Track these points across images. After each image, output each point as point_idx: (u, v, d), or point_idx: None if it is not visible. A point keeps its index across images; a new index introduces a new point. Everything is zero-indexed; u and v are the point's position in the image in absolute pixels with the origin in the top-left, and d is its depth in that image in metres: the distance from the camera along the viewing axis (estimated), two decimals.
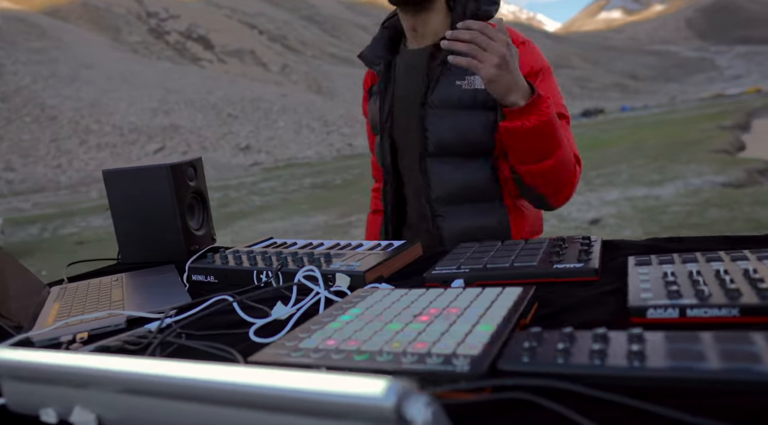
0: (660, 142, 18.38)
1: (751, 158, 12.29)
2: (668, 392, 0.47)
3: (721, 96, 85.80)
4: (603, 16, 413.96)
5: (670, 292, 0.63)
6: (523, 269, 0.86)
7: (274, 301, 0.90)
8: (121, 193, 1.33)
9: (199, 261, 1.14)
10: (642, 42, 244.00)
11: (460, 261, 0.94)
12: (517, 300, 0.69)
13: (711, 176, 9.73)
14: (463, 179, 1.32)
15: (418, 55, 1.35)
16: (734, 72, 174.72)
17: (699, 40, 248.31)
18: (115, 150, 48.44)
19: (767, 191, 8.11)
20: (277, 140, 55.22)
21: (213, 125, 55.93)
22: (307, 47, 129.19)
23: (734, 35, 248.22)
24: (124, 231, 1.35)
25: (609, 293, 0.75)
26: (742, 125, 24.36)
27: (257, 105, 64.37)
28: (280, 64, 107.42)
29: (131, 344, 0.75)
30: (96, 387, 0.55)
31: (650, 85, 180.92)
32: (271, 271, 1.02)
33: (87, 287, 1.12)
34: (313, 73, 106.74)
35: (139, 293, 1.03)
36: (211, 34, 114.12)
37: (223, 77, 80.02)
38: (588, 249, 0.88)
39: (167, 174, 1.29)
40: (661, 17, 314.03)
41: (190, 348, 0.74)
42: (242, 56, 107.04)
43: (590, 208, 8.11)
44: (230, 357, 0.68)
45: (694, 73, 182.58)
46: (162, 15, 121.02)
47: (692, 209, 6.91)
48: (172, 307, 0.92)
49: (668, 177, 10.06)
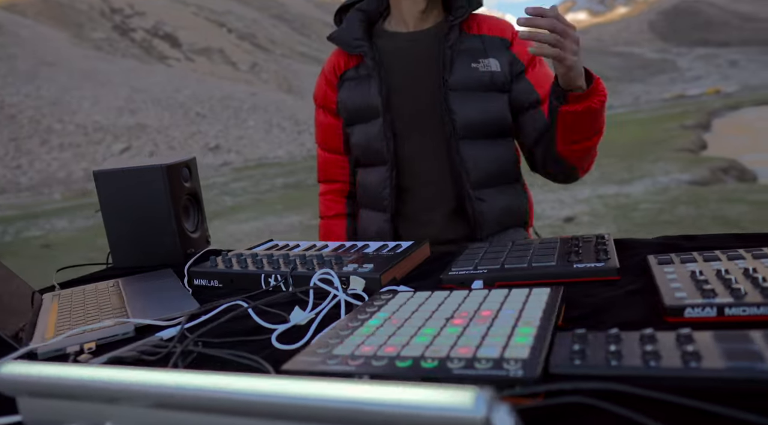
0: (627, 141, 18.82)
1: (714, 157, 12.69)
2: (725, 393, 0.47)
3: (683, 96, 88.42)
4: (569, 18, 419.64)
5: (705, 291, 0.63)
6: (542, 270, 0.85)
7: (288, 306, 0.88)
8: (112, 194, 1.28)
9: (201, 265, 1.11)
10: (607, 43, 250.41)
11: (476, 262, 0.93)
12: (550, 301, 0.69)
13: (677, 174, 10.01)
14: (496, 159, 1.34)
15: (423, 37, 1.34)
16: (694, 73, 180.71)
17: (661, 42, 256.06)
18: (79, 150, 47.04)
19: (732, 188, 8.38)
20: (247, 140, 54.50)
21: (181, 125, 54.83)
22: (277, 46, 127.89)
23: (694, 38, 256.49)
24: (116, 234, 1.30)
25: (634, 292, 0.75)
26: (703, 125, 25.13)
27: (226, 104, 63.39)
28: (249, 62, 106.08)
29: (148, 354, 0.72)
30: (128, 401, 0.52)
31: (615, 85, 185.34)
32: (280, 274, 0.99)
33: (83, 294, 1.07)
34: (283, 71, 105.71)
35: (140, 299, 0.99)
36: (179, 32, 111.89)
37: (191, 76, 78.58)
38: (605, 248, 0.88)
39: (162, 175, 1.25)
40: (624, 19, 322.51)
41: (212, 357, 0.71)
42: (210, 55, 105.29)
43: (564, 206, 8.24)
44: (258, 366, 0.65)
45: (657, 74, 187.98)
46: (127, 12, 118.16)
47: (662, 207, 7.09)
48: (182, 314, 0.89)
49: (637, 175, 10.30)
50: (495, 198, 1.34)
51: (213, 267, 1.08)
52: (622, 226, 6.37)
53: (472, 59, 1.29)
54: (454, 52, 1.30)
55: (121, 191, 1.27)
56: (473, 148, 1.31)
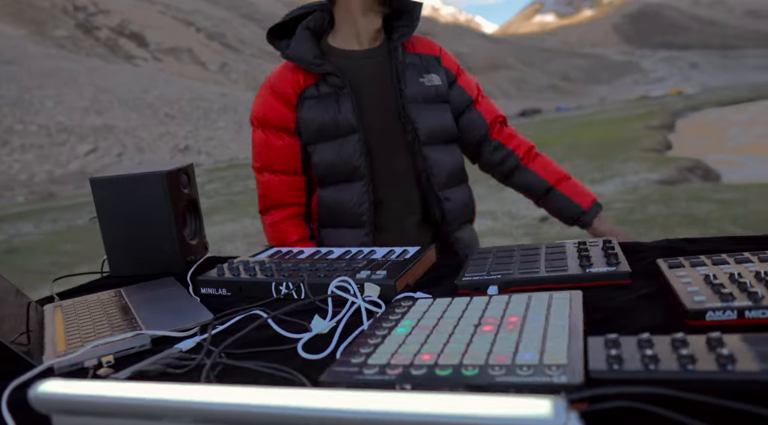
0: (596, 141, 19.24)
1: (680, 157, 13.08)
2: (760, 394, 0.49)
3: (647, 97, 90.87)
4: (538, 20, 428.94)
5: (723, 295, 0.66)
6: (556, 274, 0.87)
7: (303, 314, 0.88)
8: (110, 202, 1.25)
9: (208, 273, 1.09)
10: (574, 45, 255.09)
11: (487, 267, 0.95)
12: (574, 306, 0.71)
13: (646, 173, 10.28)
14: (452, 162, 1.46)
15: (376, 55, 1.42)
16: (658, 75, 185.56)
17: (625, 44, 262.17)
18: (42, 152, 45.61)
19: (699, 188, 8.65)
20: (217, 141, 53.72)
21: (149, 125, 53.73)
22: (246, 46, 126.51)
23: (657, 40, 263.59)
24: (113, 243, 1.28)
25: (648, 296, 0.78)
26: (667, 125, 25.89)
27: (196, 104, 62.40)
28: (218, 62, 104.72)
29: (173, 367, 0.71)
30: (171, 419, 0.52)
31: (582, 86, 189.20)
32: (291, 282, 0.99)
33: (86, 305, 1.05)
34: (253, 72, 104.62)
35: (149, 309, 0.98)
36: (146, 31, 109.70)
37: (159, 76, 77.09)
38: (614, 252, 0.91)
39: (162, 182, 1.23)
40: (591, 22, 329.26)
41: (240, 369, 0.70)
42: (179, 54, 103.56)
43: None
44: (292, 377, 0.65)
45: (622, 75, 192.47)
46: (90, 10, 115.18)
47: (633, 206, 7.27)
48: (196, 324, 0.88)
49: (608, 175, 10.53)
50: (457, 196, 1.47)
51: (220, 275, 1.07)
52: None
53: (418, 74, 1.41)
54: (405, 68, 1.40)
55: (118, 198, 1.25)
56: (434, 152, 1.42)
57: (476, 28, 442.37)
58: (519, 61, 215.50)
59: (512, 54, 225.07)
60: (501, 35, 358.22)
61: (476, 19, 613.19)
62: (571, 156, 14.85)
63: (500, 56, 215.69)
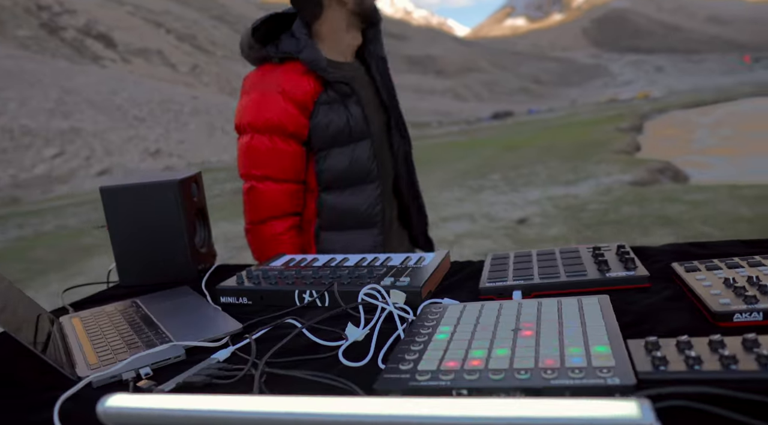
0: (569, 143, 19.61)
1: (649, 159, 13.43)
2: None
3: (615, 100, 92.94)
4: (509, 23, 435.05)
5: (747, 297, 0.70)
6: (577, 279, 0.91)
7: (330, 321, 0.89)
8: (120, 211, 1.24)
9: (228, 282, 1.10)
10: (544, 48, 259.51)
11: (508, 273, 0.98)
12: (605, 310, 0.74)
13: (619, 175, 10.54)
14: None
15: (358, 67, 1.52)
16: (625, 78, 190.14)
17: (594, 48, 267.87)
18: (5, 156, 44.20)
19: (670, 189, 8.91)
20: (189, 144, 52.91)
21: (118, 128, 52.57)
22: (218, 48, 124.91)
23: (624, 45, 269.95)
24: (123, 252, 1.27)
25: (670, 299, 0.82)
26: (636, 127, 26.54)
27: (166, 107, 61.34)
28: (189, 64, 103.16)
29: (219, 378, 0.72)
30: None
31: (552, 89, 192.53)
32: (315, 291, 1.00)
33: (106, 316, 1.04)
34: (225, 74, 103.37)
35: (173, 319, 0.98)
36: (113, 32, 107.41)
37: (128, 78, 75.53)
38: (630, 257, 0.94)
39: (175, 190, 1.23)
40: (560, 26, 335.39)
41: (285, 378, 0.71)
42: (148, 56, 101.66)
43: (515, 208, 8.50)
44: (344, 386, 0.67)
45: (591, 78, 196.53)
46: (55, 9, 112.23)
47: (608, 207, 7.45)
48: (225, 334, 0.89)
49: (582, 177, 10.76)
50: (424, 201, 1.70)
51: (240, 284, 1.07)
52: (573, 226, 6.65)
53: (390, 85, 1.55)
54: (382, 78, 1.52)
55: (129, 207, 1.24)
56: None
57: (448, 32, 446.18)
58: (491, 64, 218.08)
59: (484, 57, 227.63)
60: (473, 38, 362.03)
61: (448, 22, 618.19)
62: (546, 158, 15.11)
63: (472, 59, 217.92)
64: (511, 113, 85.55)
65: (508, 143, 22.86)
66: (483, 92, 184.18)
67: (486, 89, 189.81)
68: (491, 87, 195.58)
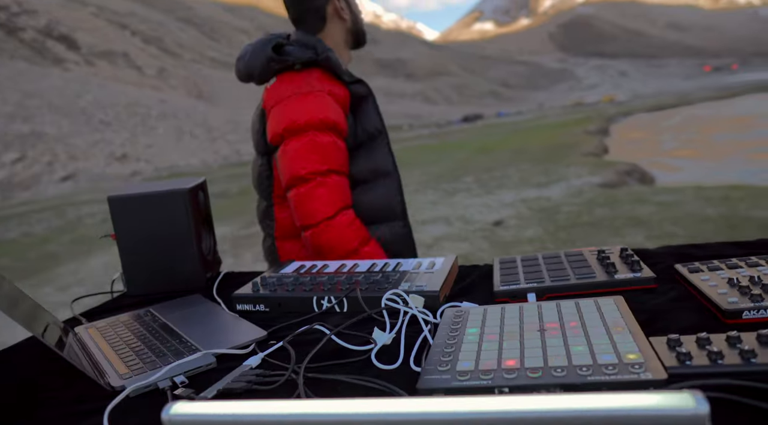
0: (538, 146, 19.99)
1: (617, 161, 13.80)
2: None
3: (581, 104, 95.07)
4: (477, 27, 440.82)
5: (753, 296, 0.76)
6: (586, 281, 0.96)
7: (352, 326, 0.92)
8: (129, 220, 1.24)
9: (243, 290, 1.11)
10: (512, 53, 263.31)
11: (520, 276, 1.02)
12: (623, 310, 0.79)
13: (588, 177, 10.80)
14: None
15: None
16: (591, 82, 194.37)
17: (560, 52, 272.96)
18: None
19: (638, 190, 9.18)
20: (157, 148, 51.94)
21: (83, 132, 51.28)
22: (185, 50, 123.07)
23: (589, 49, 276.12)
24: (132, 261, 1.27)
25: (677, 299, 0.87)
26: (603, 130, 27.21)
27: (133, 111, 60.13)
28: (156, 67, 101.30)
29: (259, 384, 0.74)
30: None
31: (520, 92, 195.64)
32: (334, 297, 1.03)
33: (122, 326, 1.04)
34: (193, 77, 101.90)
35: (194, 327, 0.99)
36: (76, 34, 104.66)
37: (92, 80, 73.74)
38: (635, 259, 1.00)
39: (184, 199, 1.23)
40: (527, 31, 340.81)
41: (322, 382, 0.74)
42: (113, 58, 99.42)
43: (491, 210, 8.64)
44: (384, 388, 0.69)
45: (558, 82, 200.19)
46: (13, 9, 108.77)
47: (581, 209, 7.64)
48: (251, 341, 0.91)
49: (553, 179, 10.99)
50: None
51: (256, 292, 1.09)
52: (548, 228, 6.80)
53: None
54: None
55: (137, 216, 1.24)
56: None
57: (418, 35, 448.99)
58: (460, 68, 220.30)
59: (453, 61, 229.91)
60: (442, 42, 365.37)
61: (417, 26, 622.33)
62: (517, 161, 15.38)
63: (442, 63, 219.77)
64: (481, 115, 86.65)
65: (480, 146, 23.17)
66: (453, 95, 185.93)
67: (456, 92, 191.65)
68: (461, 90, 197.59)
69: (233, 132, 56.38)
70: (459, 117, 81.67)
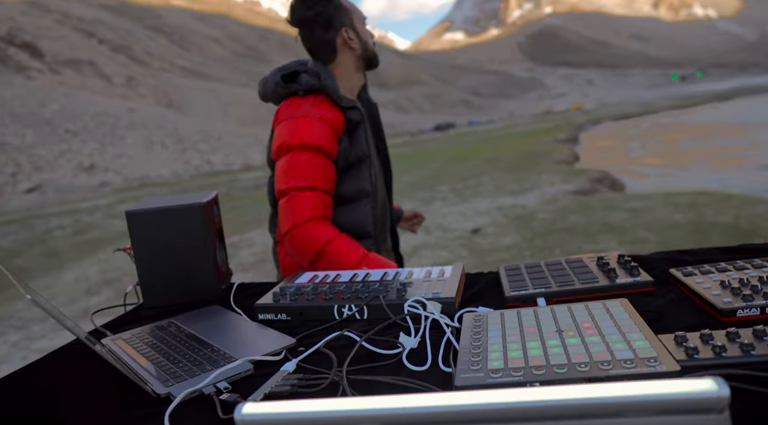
0: (511, 154, 20.34)
1: (588, 169, 14.16)
2: None
3: (550, 112, 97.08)
4: (448, 37, 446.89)
5: (745, 296, 0.85)
6: (591, 285, 1.04)
7: (376, 331, 0.98)
8: (146, 234, 1.28)
9: (264, 300, 1.16)
10: (482, 62, 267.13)
11: (528, 282, 1.10)
12: (630, 311, 0.87)
13: (561, 184, 11.06)
14: None
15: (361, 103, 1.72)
16: (559, 90, 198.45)
17: (529, 62, 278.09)
18: None
19: (609, 197, 9.45)
20: (126, 158, 50.95)
21: (48, 143, 49.96)
22: (155, 59, 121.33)
23: (557, 59, 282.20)
24: (149, 274, 1.30)
25: (675, 300, 0.96)
26: (572, 138, 27.86)
27: (101, 120, 58.86)
28: (124, 76, 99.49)
29: (303, 387, 0.79)
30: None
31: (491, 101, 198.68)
32: (354, 305, 1.08)
33: (149, 336, 1.08)
34: (163, 86, 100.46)
35: (223, 337, 1.03)
36: (41, 41, 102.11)
37: (58, 89, 71.96)
38: (633, 265, 1.08)
39: (201, 213, 1.28)
40: (497, 41, 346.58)
41: (361, 383, 0.80)
42: (80, 67, 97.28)
43: (467, 218, 8.77)
44: (423, 387, 0.76)
45: (527, 91, 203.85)
46: None
47: (556, 216, 7.83)
48: (282, 348, 0.96)
49: (527, 187, 11.22)
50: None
51: (277, 301, 1.14)
52: (525, 235, 6.95)
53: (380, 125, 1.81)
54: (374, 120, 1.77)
55: (155, 230, 1.28)
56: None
57: (389, 45, 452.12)
58: (432, 77, 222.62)
59: (425, 70, 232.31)
60: (414, 52, 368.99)
61: (389, 35, 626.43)
62: (491, 169, 15.63)
63: (414, 73, 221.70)
64: (453, 124, 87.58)
65: (453, 155, 23.45)
66: (425, 104, 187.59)
67: (428, 101, 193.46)
68: (433, 99, 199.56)
69: (204, 142, 55.72)
70: (431, 126, 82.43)
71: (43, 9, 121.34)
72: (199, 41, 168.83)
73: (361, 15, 1.67)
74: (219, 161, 45.53)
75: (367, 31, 1.68)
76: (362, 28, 1.67)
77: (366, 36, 1.67)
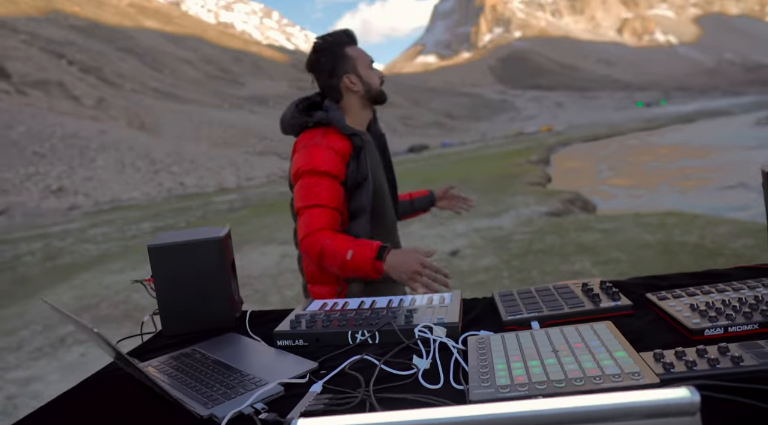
0: (484, 176, 20.73)
1: (560, 190, 14.56)
2: (761, 380, 0.80)
3: (522, 134, 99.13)
4: (420, 60, 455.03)
5: (711, 317, 0.99)
6: (578, 309, 1.17)
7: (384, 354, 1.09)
8: (167, 267, 1.37)
9: (282, 327, 1.26)
10: (455, 84, 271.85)
11: (522, 307, 1.22)
12: (615, 332, 1.00)
13: (536, 206, 11.35)
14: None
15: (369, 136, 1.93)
16: (529, 113, 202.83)
17: (500, 84, 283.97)
18: None
19: (583, 218, 9.75)
20: (96, 181, 50.07)
21: (15, 165, 48.86)
22: (126, 80, 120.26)
23: (526, 82, 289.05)
24: (169, 304, 1.39)
25: (653, 321, 1.10)
26: (544, 160, 28.55)
27: (70, 142, 57.89)
28: (95, 97, 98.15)
29: (334, 405, 0.89)
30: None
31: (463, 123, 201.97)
32: (367, 330, 1.19)
33: (176, 362, 1.17)
34: (134, 108, 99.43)
35: (249, 362, 1.13)
36: (6, 62, 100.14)
37: (25, 111, 70.50)
38: (614, 290, 1.22)
39: (220, 247, 1.38)
40: (469, 64, 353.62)
41: (388, 400, 0.90)
42: (48, 88, 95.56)
43: (445, 241, 8.93)
44: (442, 403, 0.87)
45: (499, 113, 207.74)
46: None
47: (532, 237, 8.05)
48: (305, 372, 1.06)
49: (502, 209, 11.47)
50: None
51: (294, 328, 1.24)
52: (503, 256, 7.13)
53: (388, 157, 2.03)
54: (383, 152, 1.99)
55: (176, 263, 1.37)
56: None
57: None
58: (405, 99, 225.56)
59: (398, 92, 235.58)
60: (387, 74, 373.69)
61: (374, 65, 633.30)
62: (465, 191, 15.92)
63: (388, 94, 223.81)
64: (427, 146, 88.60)
65: (427, 177, 23.74)
66: (398, 126, 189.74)
67: (401, 123, 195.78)
68: (406, 121, 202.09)
69: (176, 164, 55.19)
70: (405, 147, 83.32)
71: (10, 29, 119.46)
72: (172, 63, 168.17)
73: (366, 60, 1.86)
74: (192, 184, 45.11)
75: (372, 73, 1.86)
76: (366, 72, 1.85)
77: (370, 78, 1.85)
